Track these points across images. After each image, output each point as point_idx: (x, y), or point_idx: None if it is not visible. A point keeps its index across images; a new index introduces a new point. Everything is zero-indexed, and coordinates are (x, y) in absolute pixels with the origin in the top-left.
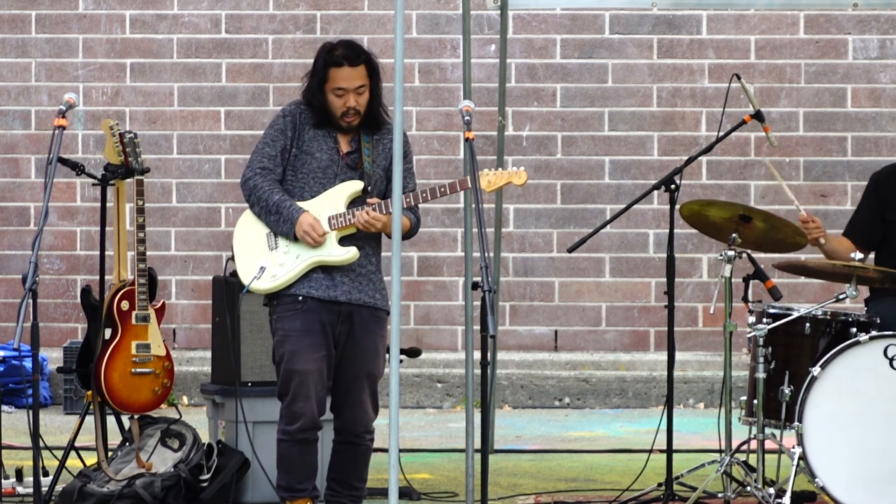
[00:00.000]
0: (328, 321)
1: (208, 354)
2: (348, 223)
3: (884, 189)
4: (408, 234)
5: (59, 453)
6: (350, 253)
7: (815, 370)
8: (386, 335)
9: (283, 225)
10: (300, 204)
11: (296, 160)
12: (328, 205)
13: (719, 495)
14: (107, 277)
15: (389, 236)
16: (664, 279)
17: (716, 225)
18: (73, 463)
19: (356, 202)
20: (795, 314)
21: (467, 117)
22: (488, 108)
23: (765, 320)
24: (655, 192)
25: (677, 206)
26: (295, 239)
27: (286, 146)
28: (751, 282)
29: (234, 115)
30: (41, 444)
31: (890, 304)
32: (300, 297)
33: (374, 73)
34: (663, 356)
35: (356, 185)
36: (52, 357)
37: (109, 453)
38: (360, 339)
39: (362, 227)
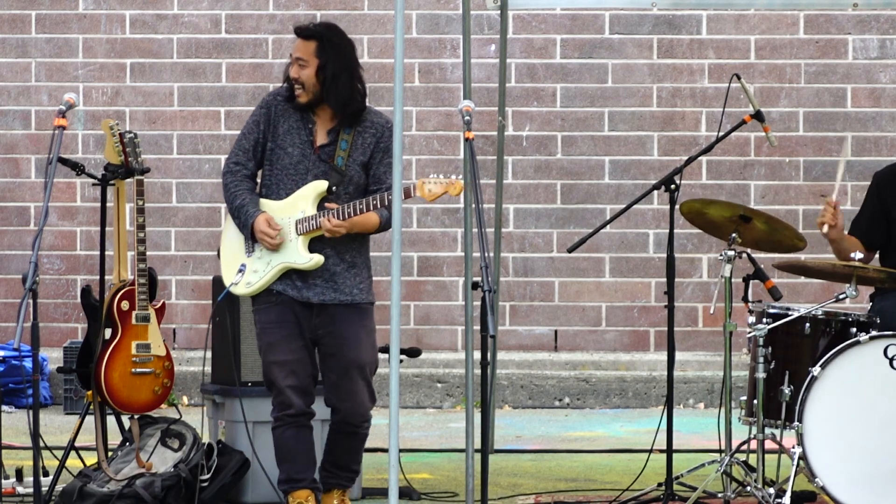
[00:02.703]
0: (301, 314)
1: (209, 354)
2: (314, 228)
3: (886, 188)
4: (379, 230)
5: (59, 453)
6: (313, 260)
7: (815, 370)
8: (371, 324)
9: (244, 230)
10: (271, 204)
11: (272, 154)
12: (296, 208)
13: (719, 495)
14: (107, 277)
15: (367, 233)
16: (664, 279)
17: (715, 223)
18: (73, 463)
19: (325, 202)
20: (795, 314)
21: (467, 117)
22: (488, 108)
23: (765, 320)
24: (655, 192)
25: (677, 205)
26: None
27: (258, 139)
28: (751, 282)
29: (234, 115)
30: (41, 444)
31: (891, 303)
32: (275, 291)
33: (327, 51)
34: (663, 356)
35: (321, 186)
36: (52, 357)
37: (109, 453)
38: (341, 331)
39: (329, 235)
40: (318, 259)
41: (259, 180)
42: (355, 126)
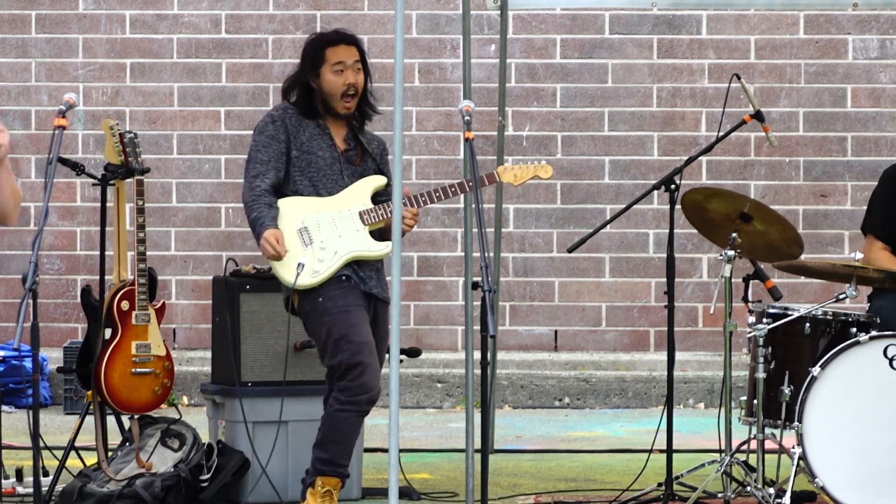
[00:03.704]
0: (367, 302)
1: (208, 354)
2: (381, 219)
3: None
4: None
5: (59, 453)
6: (388, 247)
7: (815, 370)
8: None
9: (257, 239)
10: (318, 200)
11: (299, 161)
12: (355, 200)
13: (719, 495)
14: (107, 277)
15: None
16: (664, 279)
17: (714, 221)
18: (73, 463)
19: (378, 196)
20: (795, 314)
21: (467, 117)
22: (488, 108)
23: (765, 320)
24: (655, 192)
25: (678, 202)
26: (322, 236)
27: (281, 150)
28: (751, 282)
29: (234, 115)
30: (41, 444)
31: (891, 303)
32: (343, 277)
33: (364, 59)
34: (663, 356)
35: (380, 180)
36: (52, 357)
37: (109, 453)
38: (379, 327)
39: (409, 224)
40: (390, 246)
41: (289, 186)
42: (362, 136)
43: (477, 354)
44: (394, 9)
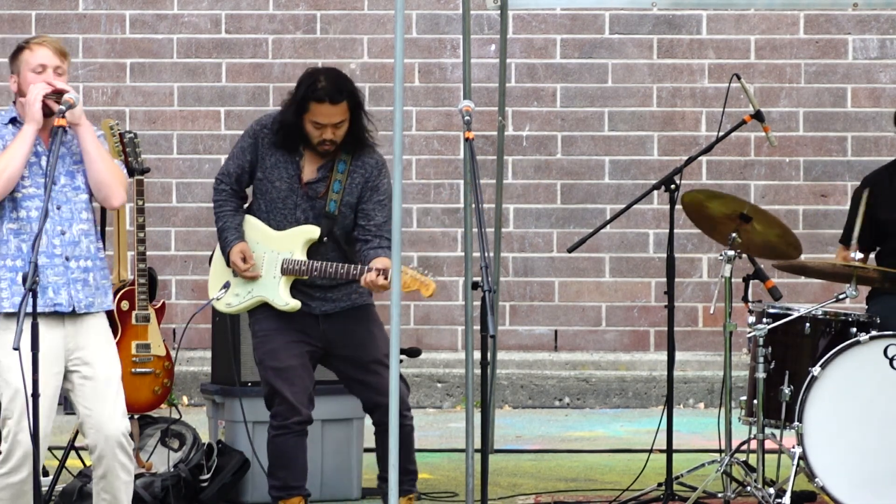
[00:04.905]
0: (305, 322)
1: (208, 354)
2: (300, 273)
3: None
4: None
5: (59, 453)
6: (290, 305)
7: (815, 370)
8: (378, 319)
9: (223, 252)
10: (267, 231)
11: (260, 184)
12: (288, 245)
13: (719, 495)
14: None
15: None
16: (664, 279)
17: (713, 221)
18: (73, 463)
19: (314, 248)
20: (795, 314)
21: (467, 117)
22: (488, 108)
23: (765, 320)
24: (655, 192)
25: (678, 201)
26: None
27: (244, 167)
28: (751, 282)
29: (234, 115)
30: None
31: (890, 303)
32: None
33: (357, 105)
34: (663, 356)
35: (313, 233)
36: None
37: None
38: (352, 333)
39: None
40: (294, 304)
41: (251, 202)
42: (352, 160)
43: (477, 354)
44: (394, 9)
